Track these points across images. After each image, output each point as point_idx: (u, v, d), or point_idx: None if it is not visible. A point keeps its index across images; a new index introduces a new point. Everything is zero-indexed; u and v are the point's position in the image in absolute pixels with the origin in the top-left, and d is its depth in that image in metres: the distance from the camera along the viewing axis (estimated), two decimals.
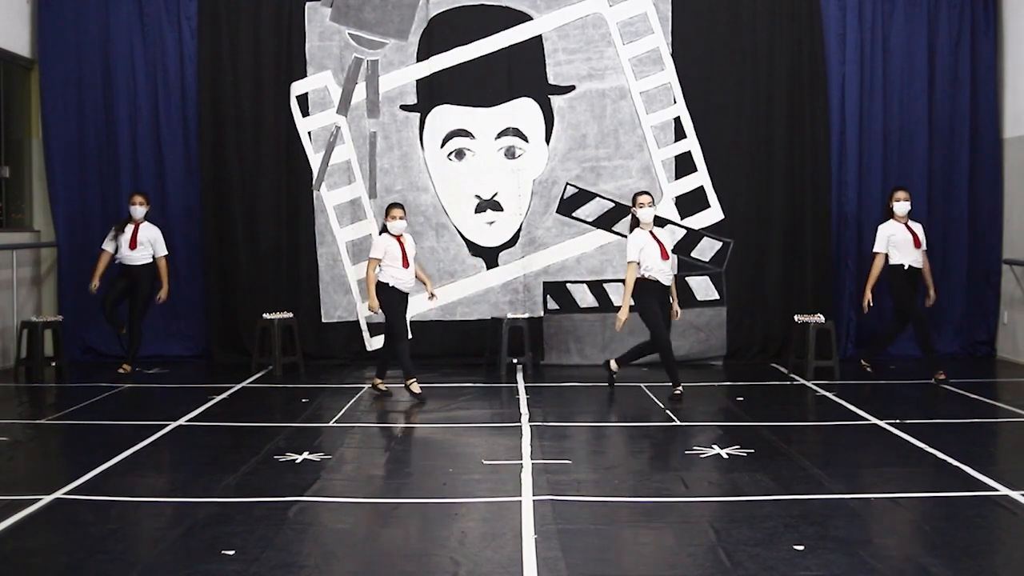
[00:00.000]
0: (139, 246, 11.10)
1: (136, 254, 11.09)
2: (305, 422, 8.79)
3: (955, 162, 12.12)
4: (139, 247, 11.10)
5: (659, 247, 9.49)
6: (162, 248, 11.26)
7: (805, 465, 7.15)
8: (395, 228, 9.58)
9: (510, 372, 11.28)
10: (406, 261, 9.58)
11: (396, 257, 9.54)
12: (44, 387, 10.64)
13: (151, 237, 11.19)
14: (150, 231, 11.21)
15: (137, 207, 11.14)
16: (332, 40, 11.95)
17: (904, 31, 12.04)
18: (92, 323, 11.99)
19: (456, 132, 11.96)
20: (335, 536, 5.75)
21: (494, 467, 7.20)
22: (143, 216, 11.17)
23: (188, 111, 12.02)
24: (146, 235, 11.15)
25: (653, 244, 9.48)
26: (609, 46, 11.90)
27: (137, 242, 11.09)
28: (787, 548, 5.38)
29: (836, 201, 12.05)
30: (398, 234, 9.59)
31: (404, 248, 9.58)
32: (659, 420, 8.82)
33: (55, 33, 11.95)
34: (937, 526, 5.77)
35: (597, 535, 5.70)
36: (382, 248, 9.56)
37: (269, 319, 11.44)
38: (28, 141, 12.26)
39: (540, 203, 11.94)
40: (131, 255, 11.07)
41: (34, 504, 6.22)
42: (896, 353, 11.98)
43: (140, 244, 11.10)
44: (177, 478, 6.98)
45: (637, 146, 11.91)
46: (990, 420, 8.77)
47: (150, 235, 11.19)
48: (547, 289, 11.97)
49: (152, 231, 11.22)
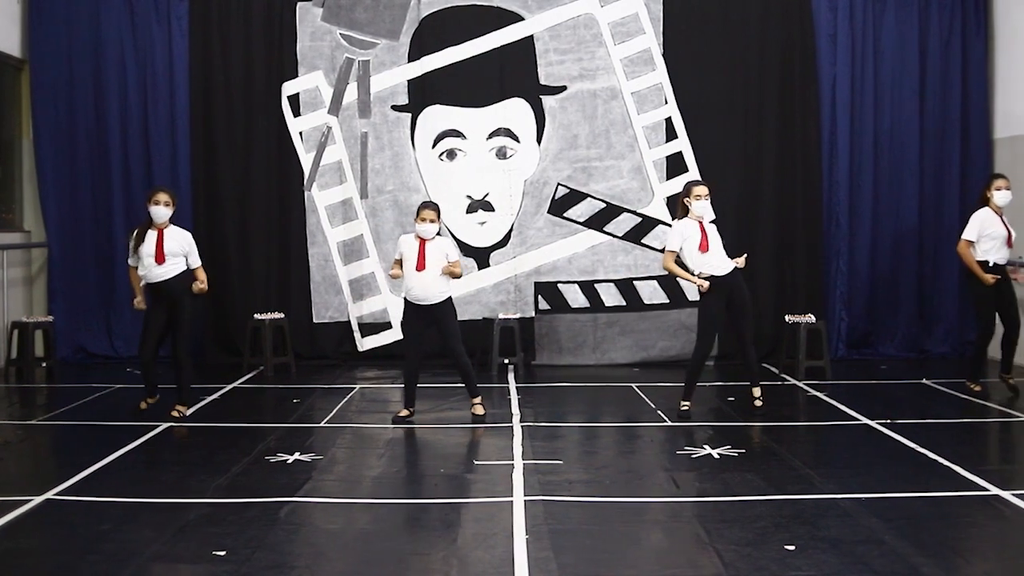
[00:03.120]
0: (168, 259, 8.57)
1: (165, 269, 8.58)
2: (296, 422, 8.78)
3: (946, 162, 12.14)
4: (168, 260, 8.57)
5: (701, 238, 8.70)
6: (196, 258, 8.77)
7: (796, 465, 7.17)
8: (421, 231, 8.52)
9: (501, 372, 11.28)
10: (422, 263, 8.48)
11: (411, 260, 8.53)
12: (35, 388, 10.61)
13: (182, 246, 8.68)
14: (180, 238, 8.70)
15: (161, 208, 8.58)
16: (323, 40, 11.94)
17: (895, 32, 12.06)
18: (83, 323, 11.98)
19: (447, 132, 11.96)
20: (326, 537, 5.74)
21: (486, 467, 7.20)
22: (168, 219, 8.69)
23: (179, 111, 11.99)
24: (175, 243, 8.64)
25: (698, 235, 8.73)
26: (600, 46, 11.91)
27: (165, 254, 8.56)
28: (778, 548, 5.39)
29: (827, 201, 12.06)
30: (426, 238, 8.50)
31: (423, 251, 8.47)
32: (650, 420, 8.83)
33: (46, 33, 11.92)
34: (928, 526, 5.78)
35: (589, 535, 5.70)
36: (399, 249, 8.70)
37: (260, 319, 11.44)
38: (18, 141, 12.22)
39: (531, 203, 11.95)
40: (159, 271, 8.58)
41: (25, 505, 6.21)
42: (887, 353, 12.05)
43: (169, 256, 8.57)
44: (168, 479, 6.96)
45: (628, 146, 11.92)
46: (981, 420, 8.78)
47: (180, 243, 8.68)
48: (538, 289, 11.98)
49: (182, 237, 8.72)
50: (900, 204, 12.13)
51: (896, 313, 12.16)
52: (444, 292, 8.58)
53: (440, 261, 8.48)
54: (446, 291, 8.61)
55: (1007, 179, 9.56)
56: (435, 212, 8.53)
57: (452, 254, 8.57)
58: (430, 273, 8.45)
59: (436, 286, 8.50)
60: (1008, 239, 9.47)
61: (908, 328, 12.16)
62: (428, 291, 8.50)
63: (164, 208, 8.60)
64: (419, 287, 8.48)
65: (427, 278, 8.46)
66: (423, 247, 8.48)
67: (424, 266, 8.42)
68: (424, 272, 8.44)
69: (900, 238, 12.11)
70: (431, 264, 8.44)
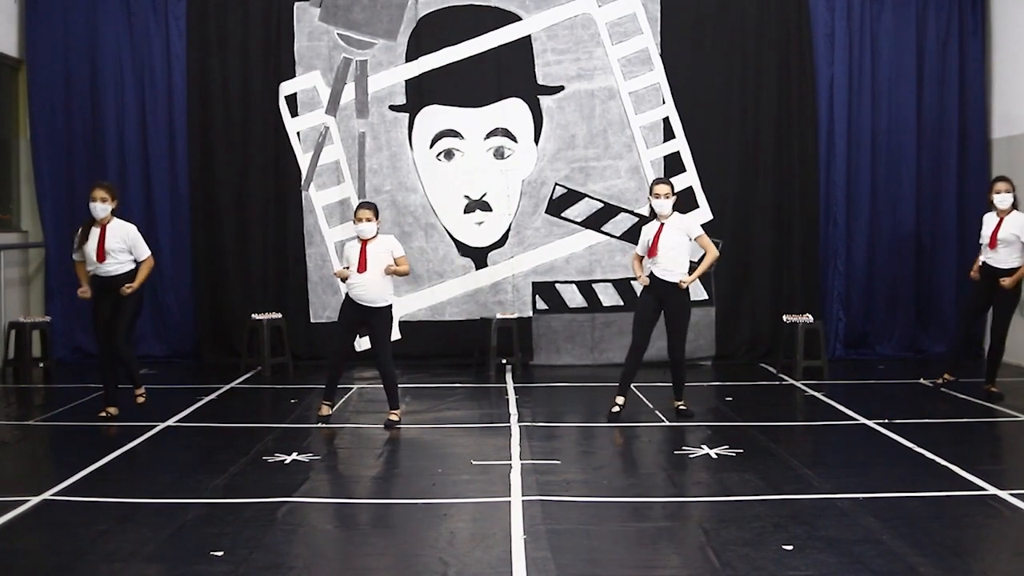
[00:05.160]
0: (108, 255, 8.58)
1: (108, 267, 8.61)
2: (294, 423, 8.77)
3: (943, 162, 12.15)
4: (109, 257, 8.59)
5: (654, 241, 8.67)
6: (143, 250, 8.77)
7: (794, 465, 7.17)
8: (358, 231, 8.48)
9: (499, 372, 11.27)
10: (363, 264, 8.37)
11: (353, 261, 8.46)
12: (32, 388, 10.60)
13: (124, 240, 8.68)
14: (122, 233, 8.69)
15: (98, 204, 8.58)
16: (321, 40, 11.93)
17: (892, 32, 12.06)
18: (80, 324, 11.96)
19: (445, 132, 11.95)
20: (324, 537, 5.74)
21: (483, 467, 7.20)
22: (109, 214, 8.67)
23: (176, 111, 11.99)
24: (117, 239, 8.64)
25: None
26: (598, 46, 11.91)
27: (105, 251, 8.57)
28: (776, 548, 5.39)
29: (824, 201, 12.07)
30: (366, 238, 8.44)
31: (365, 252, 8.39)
32: (648, 420, 8.83)
33: (43, 33, 11.91)
34: (925, 525, 5.78)
35: (586, 535, 5.70)
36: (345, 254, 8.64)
37: (258, 320, 11.43)
38: (16, 141, 12.22)
39: (529, 203, 11.94)
40: (103, 268, 8.61)
41: (22, 505, 6.20)
42: (884, 353, 12.06)
43: (110, 253, 8.58)
44: (166, 479, 6.95)
45: (626, 146, 11.92)
46: (979, 420, 8.78)
47: (123, 238, 8.67)
48: (536, 289, 11.97)
49: (124, 232, 8.70)
50: (897, 204, 12.13)
51: (893, 313, 12.17)
52: (385, 298, 8.48)
53: (383, 262, 8.37)
54: (388, 297, 8.50)
55: (1007, 181, 9.50)
56: (372, 211, 8.49)
57: (397, 251, 8.50)
58: (370, 275, 8.36)
59: (377, 289, 8.40)
60: (992, 239, 9.34)
61: (905, 328, 12.17)
62: (368, 292, 8.39)
63: (101, 204, 8.61)
64: (361, 286, 8.39)
65: (367, 279, 8.36)
66: (364, 248, 8.41)
67: (365, 267, 8.35)
68: (365, 274, 8.35)
69: (897, 238, 12.11)
70: (372, 266, 8.35)
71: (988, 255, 9.45)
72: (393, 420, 8.56)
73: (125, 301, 8.66)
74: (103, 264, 8.60)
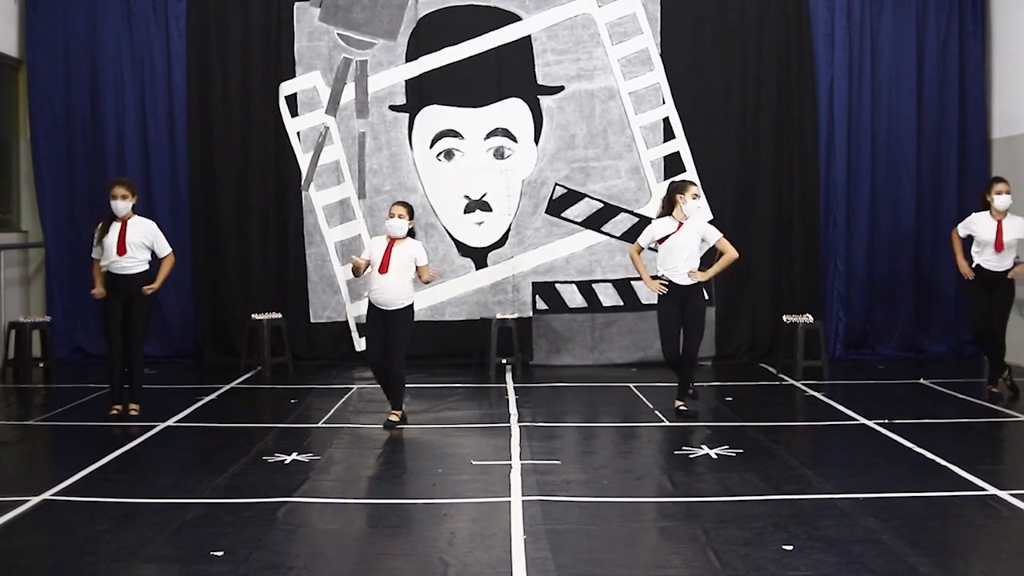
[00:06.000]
0: (129, 248, 8.66)
1: (126, 261, 8.70)
2: (294, 423, 8.78)
3: (943, 163, 12.15)
4: (130, 251, 8.67)
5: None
6: (164, 245, 8.90)
7: (794, 465, 7.17)
8: (389, 227, 8.30)
9: (499, 372, 11.27)
10: (385, 265, 8.20)
11: (376, 260, 8.28)
12: (32, 388, 10.60)
13: (145, 236, 8.79)
14: (143, 228, 8.83)
15: (119, 202, 8.70)
16: (321, 40, 11.93)
17: (892, 32, 12.06)
18: (80, 324, 11.96)
19: (445, 132, 11.95)
20: (324, 537, 5.74)
21: (483, 468, 7.20)
22: (130, 210, 8.80)
23: (176, 111, 11.98)
24: (138, 234, 8.75)
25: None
26: (598, 46, 11.91)
27: (126, 245, 8.67)
28: (776, 548, 5.39)
29: (824, 201, 12.07)
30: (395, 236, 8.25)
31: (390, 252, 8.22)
32: (648, 420, 8.83)
33: (43, 32, 11.90)
34: (925, 526, 5.78)
35: (586, 535, 5.69)
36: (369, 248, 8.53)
37: (258, 320, 11.43)
38: (15, 141, 12.21)
39: (529, 203, 11.94)
40: (121, 263, 8.68)
41: (22, 505, 6.20)
42: (884, 353, 12.06)
43: (131, 247, 8.67)
44: (165, 479, 6.95)
45: (626, 146, 11.92)
46: (978, 420, 8.78)
47: (144, 234, 8.79)
48: (536, 289, 11.97)
49: (146, 228, 8.84)
50: (897, 204, 12.13)
51: (894, 313, 12.16)
52: (406, 299, 8.29)
53: (405, 266, 8.20)
54: (408, 298, 8.31)
55: (1007, 183, 9.49)
56: (407, 210, 8.32)
57: (420, 258, 8.29)
58: (391, 276, 8.17)
59: (395, 291, 8.21)
60: (997, 243, 9.31)
61: (906, 328, 12.16)
62: (386, 295, 8.21)
63: (122, 201, 8.70)
64: (379, 290, 8.22)
65: (387, 281, 8.18)
66: (390, 248, 8.23)
67: (386, 268, 8.16)
68: (386, 275, 8.17)
69: (898, 238, 12.11)
70: (394, 268, 8.17)
71: (987, 257, 9.42)
72: (393, 420, 8.51)
73: (138, 307, 8.72)
74: (122, 258, 8.65)
